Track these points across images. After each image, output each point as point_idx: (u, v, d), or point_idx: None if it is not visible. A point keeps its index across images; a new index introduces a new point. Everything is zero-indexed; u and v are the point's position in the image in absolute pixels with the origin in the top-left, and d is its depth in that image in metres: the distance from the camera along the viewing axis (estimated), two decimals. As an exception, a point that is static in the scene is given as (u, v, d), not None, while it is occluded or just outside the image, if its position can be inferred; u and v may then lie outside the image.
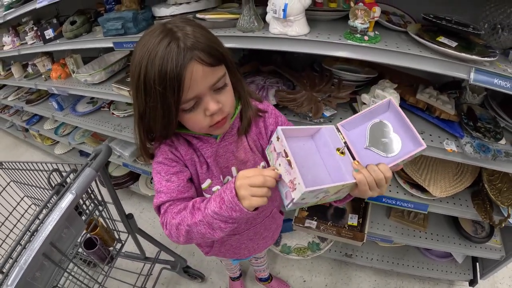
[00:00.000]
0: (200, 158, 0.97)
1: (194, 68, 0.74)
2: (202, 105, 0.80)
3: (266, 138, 1.04)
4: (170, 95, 0.74)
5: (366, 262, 1.96)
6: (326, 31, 1.16)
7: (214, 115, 0.83)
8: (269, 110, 1.05)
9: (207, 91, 0.79)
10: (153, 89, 0.74)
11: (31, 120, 3.38)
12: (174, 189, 0.91)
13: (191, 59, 0.73)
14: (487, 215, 1.40)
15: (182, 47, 0.72)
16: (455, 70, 0.99)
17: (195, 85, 0.75)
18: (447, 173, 1.48)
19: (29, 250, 0.96)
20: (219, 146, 0.97)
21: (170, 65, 0.71)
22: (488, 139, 1.19)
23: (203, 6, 1.50)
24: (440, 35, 1.06)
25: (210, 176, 0.98)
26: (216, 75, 0.79)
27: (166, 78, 0.72)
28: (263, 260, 1.82)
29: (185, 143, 0.95)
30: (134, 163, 2.32)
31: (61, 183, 1.19)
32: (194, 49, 0.73)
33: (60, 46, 2.03)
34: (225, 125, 0.90)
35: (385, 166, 0.77)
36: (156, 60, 0.73)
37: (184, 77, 0.73)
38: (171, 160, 0.94)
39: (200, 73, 0.75)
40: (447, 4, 1.33)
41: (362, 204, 1.78)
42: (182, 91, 0.74)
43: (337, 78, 1.45)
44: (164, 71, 0.72)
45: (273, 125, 1.04)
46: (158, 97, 0.75)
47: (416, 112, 1.37)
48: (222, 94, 0.83)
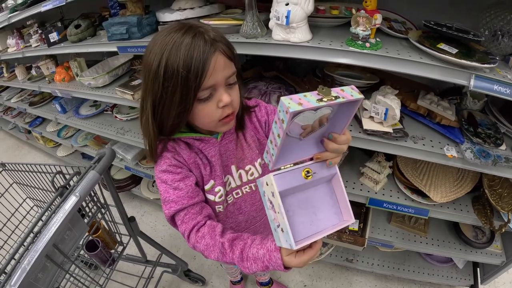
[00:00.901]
0: (203, 160, 0.98)
1: (218, 58, 0.79)
2: (216, 96, 0.84)
3: (262, 131, 1.08)
4: (193, 78, 0.77)
5: (366, 267, 1.96)
6: (328, 38, 1.18)
7: (226, 108, 0.86)
8: (258, 104, 1.09)
9: (223, 83, 0.83)
10: (176, 73, 0.77)
11: (34, 122, 3.39)
12: (184, 196, 0.93)
13: (216, 49, 0.79)
14: (487, 221, 1.40)
15: (207, 39, 0.78)
16: (455, 77, 1.00)
17: (215, 74, 0.80)
18: (447, 179, 1.48)
19: (33, 252, 0.96)
20: (221, 145, 0.99)
21: (197, 52, 0.76)
22: (489, 145, 1.19)
23: (206, 12, 1.52)
24: (440, 41, 1.07)
25: (213, 177, 1.00)
26: (232, 69, 0.85)
27: (192, 62, 0.76)
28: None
29: (186, 148, 0.96)
30: (136, 167, 2.33)
31: (65, 185, 1.19)
32: (217, 41, 0.80)
33: (64, 49, 2.05)
34: (232, 122, 0.93)
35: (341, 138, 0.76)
36: (182, 47, 0.77)
37: (209, 64, 0.77)
38: (176, 167, 0.95)
39: (222, 63, 0.80)
40: (448, 10, 1.35)
41: (363, 209, 1.79)
42: (205, 77, 0.78)
43: (338, 84, 1.46)
44: (190, 56, 0.76)
45: (265, 116, 1.07)
46: (179, 81, 0.78)
47: (417, 118, 1.38)
48: (232, 90, 0.87)
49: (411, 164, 1.54)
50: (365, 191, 1.55)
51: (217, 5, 1.57)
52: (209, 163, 0.99)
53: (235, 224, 1.14)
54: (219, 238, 0.87)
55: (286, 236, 0.67)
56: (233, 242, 0.85)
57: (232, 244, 0.85)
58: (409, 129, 1.31)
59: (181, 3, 1.49)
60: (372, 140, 1.28)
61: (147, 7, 1.64)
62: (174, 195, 0.93)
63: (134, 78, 1.97)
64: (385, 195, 1.52)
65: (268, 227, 1.28)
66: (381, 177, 1.50)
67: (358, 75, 1.55)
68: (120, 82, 2.02)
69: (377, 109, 1.25)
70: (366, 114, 1.31)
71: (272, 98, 1.48)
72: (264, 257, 0.78)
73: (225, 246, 0.85)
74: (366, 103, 1.30)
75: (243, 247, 0.83)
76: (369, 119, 1.31)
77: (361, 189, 1.56)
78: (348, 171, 1.66)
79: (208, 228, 0.90)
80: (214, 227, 0.90)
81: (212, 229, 0.90)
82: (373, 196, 1.51)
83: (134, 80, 1.92)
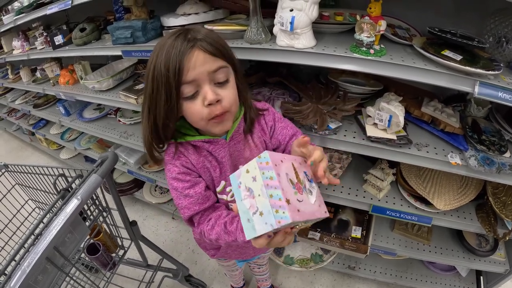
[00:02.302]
0: (212, 162, 1.00)
1: (196, 53, 0.80)
2: (202, 94, 0.84)
3: (268, 134, 1.10)
4: (172, 75, 0.80)
5: (369, 275, 1.95)
6: (332, 44, 1.18)
7: (213, 107, 0.85)
8: (267, 108, 1.12)
9: (206, 79, 0.84)
10: (159, 73, 0.81)
11: (38, 124, 3.40)
12: (195, 202, 0.97)
13: (193, 46, 0.80)
14: (491, 228, 1.39)
15: (189, 38, 0.81)
16: (460, 84, 1.00)
17: (194, 69, 0.81)
18: (451, 186, 1.47)
19: (33, 254, 0.96)
20: (230, 145, 1.01)
21: (175, 50, 0.80)
22: (493, 152, 1.18)
23: (211, 17, 1.52)
24: (445, 48, 1.07)
25: (224, 177, 1.03)
26: (217, 64, 0.84)
27: (170, 62, 0.80)
28: (265, 269, 1.82)
29: (194, 152, 0.98)
30: (139, 171, 2.33)
31: (67, 188, 1.20)
32: (199, 40, 0.82)
33: (69, 52, 2.06)
34: (225, 122, 0.92)
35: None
36: (164, 49, 0.81)
37: (185, 60, 0.79)
38: (184, 174, 0.97)
39: (201, 58, 0.81)
40: (452, 17, 1.35)
41: (366, 216, 1.78)
42: (182, 73, 0.80)
43: (342, 91, 1.46)
44: (169, 55, 0.80)
45: (271, 122, 1.11)
46: (162, 80, 0.81)
47: (421, 125, 1.38)
48: (223, 89, 0.87)
49: (415, 171, 1.53)
50: (368, 198, 1.54)
51: (222, 11, 1.57)
52: (218, 164, 1.01)
53: None
54: (222, 220, 0.94)
55: (267, 217, 0.66)
56: (233, 219, 0.92)
57: (232, 221, 0.91)
58: (413, 136, 1.31)
59: (186, 8, 1.50)
60: (376, 147, 1.27)
61: (152, 11, 1.65)
62: (185, 202, 0.97)
63: (138, 82, 1.98)
64: (388, 203, 1.51)
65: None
66: (385, 184, 1.50)
67: (362, 82, 1.54)
68: (124, 86, 2.03)
69: (381, 116, 1.24)
70: (370, 121, 1.31)
71: (276, 104, 1.48)
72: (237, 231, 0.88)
73: (227, 226, 0.91)
74: (370, 110, 1.29)
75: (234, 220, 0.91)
76: (373, 126, 1.30)
77: (364, 196, 1.55)
78: (351, 178, 1.65)
79: (215, 219, 0.96)
80: (219, 216, 0.97)
81: (218, 217, 0.96)
82: (376, 204, 1.50)
83: (138, 84, 1.92)
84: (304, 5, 1.08)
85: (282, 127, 1.12)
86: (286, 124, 1.13)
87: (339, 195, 1.55)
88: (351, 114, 1.41)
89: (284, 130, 1.12)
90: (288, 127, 1.13)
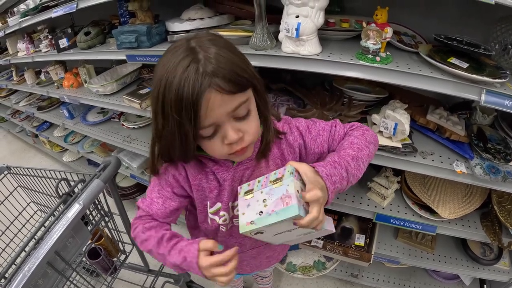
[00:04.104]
0: (212, 183, 0.92)
1: (212, 96, 0.68)
2: (221, 132, 0.75)
3: (292, 156, 0.97)
4: (186, 123, 0.70)
5: (372, 283, 1.93)
6: (338, 51, 1.17)
7: (233, 144, 0.77)
8: (286, 129, 0.97)
9: (226, 118, 0.73)
10: (171, 116, 0.70)
11: (41, 127, 3.41)
12: (155, 209, 0.94)
13: (208, 86, 0.67)
14: (496, 237, 1.38)
15: (201, 72, 0.67)
16: (466, 92, 0.99)
17: (211, 113, 0.70)
18: (456, 195, 1.46)
19: (34, 258, 0.96)
20: (236, 170, 0.91)
21: (186, 92, 0.66)
22: (498, 161, 1.17)
23: (216, 22, 1.52)
24: (451, 56, 1.06)
25: (220, 200, 0.95)
26: (236, 101, 0.72)
27: (182, 106, 0.68)
28: (268, 280, 1.80)
29: (196, 167, 0.91)
30: (142, 175, 2.32)
31: (69, 192, 1.19)
32: (214, 75, 0.67)
33: (74, 55, 2.06)
34: (246, 153, 0.83)
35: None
36: (173, 85, 0.68)
37: (200, 106, 0.67)
38: (168, 184, 0.93)
39: (218, 102, 0.69)
40: (458, 24, 1.34)
41: (369, 224, 1.76)
42: (199, 120, 0.69)
43: (347, 97, 1.45)
44: (180, 98, 0.67)
45: (298, 140, 0.96)
46: (175, 125, 0.71)
47: (426, 133, 1.37)
48: (244, 123, 0.77)
49: (419, 179, 1.52)
50: (372, 206, 1.52)
51: (227, 16, 1.57)
52: (219, 186, 0.93)
53: (239, 243, 1.06)
54: (163, 231, 0.91)
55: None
56: (175, 235, 0.89)
57: (172, 236, 0.89)
58: (418, 144, 1.30)
59: (191, 13, 1.50)
60: (381, 155, 1.26)
61: (157, 16, 1.65)
62: (150, 200, 0.95)
63: (142, 86, 1.98)
64: (392, 211, 1.50)
65: (274, 248, 1.24)
66: (389, 193, 1.48)
67: (367, 89, 1.54)
68: (128, 90, 2.02)
69: (386, 124, 1.23)
70: (375, 129, 1.30)
71: (281, 110, 1.48)
72: (187, 247, 0.82)
73: (164, 237, 0.88)
74: (375, 117, 1.28)
75: (179, 241, 0.86)
76: (378, 133, 1.29)
77: (368, 204, 1.54)
78: (355, 186, 1.63)
79: (156, 225, 0.94)
80: (162, 226, 0.94)
81: (161, 227, 0.94)
82: (380, 212, 1.49)
83: (142, 89, 1.92)
84: (310, 11, 1.08)
85: (314, 137, 0.96)
86: (316, 132, 0.96)
87: (343, 203, 1.54)
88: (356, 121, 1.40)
89: (318, 139, 0.96)
90: (320, 132, 0.96)
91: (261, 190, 0.74)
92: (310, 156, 0.98)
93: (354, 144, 0.89)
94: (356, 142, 0.89)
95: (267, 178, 0.75)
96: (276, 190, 0.72)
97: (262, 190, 0.74)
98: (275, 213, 0.71)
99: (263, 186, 0.74)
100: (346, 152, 0.86)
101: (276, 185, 0.72)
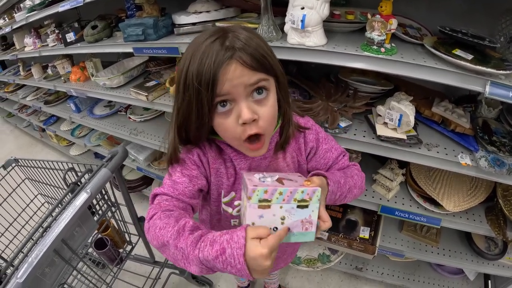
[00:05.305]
0: (229, 170, 0.92)
1: (233, 66, 0.70)
2: (237, 110, 0.75)
3: (304, 155, 0.99)
4: (204, 90, 0.71)
5: (376, 277, 1.94)
6: (343, 43, 1.18)
7: (247, 126, 0.76)
8: (310, 126, 0.99)
9: (243, 93, 0.73)
10: (191, 85, 0.72)
11: (48, 121, 3.44)
12: (181, 188, 0.86)
13: (231, 57, 0.70)
14: (500, 231, 1.37)
15: (227, 45, 0.70)
16: (470, 83, 0.99)
17: (230, 83, 0.71)
18: (461, 188, 1.46)
19: (41, 246, 0.97)
20: (253, 160, 0.90)
21: (208, 61, 0.69)
22: (503, 154, 1.17)
23: (222, 15, 1.53)
24: (456, 47, 1.06)
25: (235, 189, 0.94)
26: (256, 77, 0.73)
27: (202, 73, 0.70)
28: (274, 276, 1.82)
29: (216, 152, 0.91)
30: (148, 168, 2.34)
31: (76, 182, 1.21)
32: (239, 50, 0.70)
33: (81, 49, 2.08)
34: (261, 149, 0.82)
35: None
36: (197, 55, 0.71)
37: (220, 73, 0.69)
38: (193, 162, 0.89)
39: (238, 72, 0.71)
40: (463, 17, 1.34)
41: (374, 217, 1.77)
42: (216, 88, 0.70)
43: (352, 89, 1.46)
44: (202, 66, 0.70)
45: (313, 142, 0.98)
46: (193, 93, 0.73)
47: (431, 125, 1.37)
48: (261, 107, 0.76)
49: (424, 172, 1.52)
50: (377, 198, 1.53)
51: (233, 9, 1.58)
52: (235, 174, 0.92)
53: None
54: (186, 219, 0.75)
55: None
56: (198, 227, 0.73)
57: (195, 227, 0.73)
58: (423, 136, 1.30)
59: (197, 6, 1.51)
60: (386, 147, 1.26)
61: (163, 9, 1.66)
62: (171, 181, 0.87)
63: (149, 79, 1.99)
64: (397, 203, 1.50)
65: (284, 250, 1.22)
66: (394, 185, 1.49)
67: (372, 81, 1.54)
68: (135, 83, 2.03)
69: (391, 115, 1.24)
70: (380, 120, 1.30)
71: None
72: (223, 237, 0.66)
73: (186, 226, 0.72)
74: (380, 109, 1.29)
75: (205, 233, 0.71)
76: (383, 125, 1.30)
77: (373, 196, 1.54)
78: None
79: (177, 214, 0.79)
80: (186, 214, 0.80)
81: (183, 215, 0.79)
82: (385, 204, 1.49)
83: (149, 82, 1.93)
84: (315, 3, 1.08)
85: (326, 149, 1.00)
86: (330, 146, 1.01)
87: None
88: (361, 113, 1.40)
89: (328, 153, 1.00)
90: (333, 149, 1.01)
91: (281, 204, 0.70)
92: (312, 163, 1.02)
93: (353, 177, 0.98)
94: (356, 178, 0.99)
95: (291, 194, 0.70)
96: (299, 212, 0.71)
97: (282, 205, 0.70)
98: (292, 235, 0.72)
99: (285, 201, 0.70)
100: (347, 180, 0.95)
101: (300, 207, 0.71)
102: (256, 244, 0.64)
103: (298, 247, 1.36)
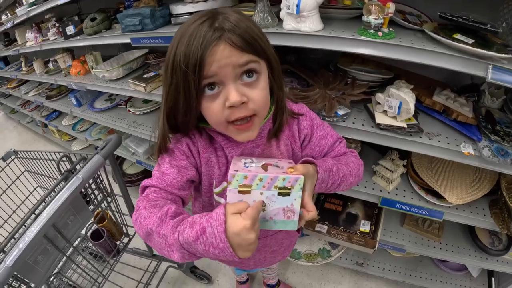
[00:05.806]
0: (220, 158, 0.89)
1: (221, 47, 0.68)
2: (224, 93, 0.72)
3: (299, 142, 0.97)
4: (191, 73, 0.68)
5: (377, 272, 1.91)
6: (340, 29, 1.15)
7: (235, 109, 0.73)
8: (304, 112, 0.97)
9: (231, 75, 0.71)
10: (178, 67, 0.70)
11: (50, 116, 3.47)
12: (169, 179, 0.84)
13: (219, 38, 0.67)
14: (504, 225, 1.34)
15: (215, 26, 0.68)
16: (471, 68, 0.96)
17: (217, 63, 0.68)
18: (464, 180, 1.43)
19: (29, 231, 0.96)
20: (245, 147, 0.88)
21: (196, 42, 0.67)
22: (507, 143, 1.14)
23: (219, 4, 1.51)
24: (456, 32, 1.03)
25: (226, 178, 0.88)
26: (246, 58, 0.70)
27: (189, 55, 0.68)
28: (273, 271, 1.80)
29: (207, 140, 0.88)
30: (148, 161, 2.33)
31: (70, 169, 1.20)
32: (228, 31, 0.68)
33: (80, 42, 2.09)
34: (250, 131, 0.79)
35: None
36: (185, 37, 0.69)
37: (207, 54, 0.67)
38: (182, 152, 0.87)
39: (226, 53, 0.68)
40: (465, 4, 1.30)
41: (375, 210, 1.74)
42: (203, 69, 0.68)
43: (351, 77, 1.43)
44: (189, 48, 0.68)
45: (307, 129, 0.96)
46: (181, 76, 0.71)
47: (433, 114, 1.34)
48: (251, 90, 0.74)
49: (426, 163, 1.49)
50: (378, 190, 1.50)
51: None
52: (226, 163, 0.90)
53: None
54: (167, 206, 0.75)
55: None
56: (181, 212, 0.74)
57: (178, 213, 0.73)
58: (424, 125, 1.26)
59: (194, -5, 1.49)
60: (385, 135, 1.23)
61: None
62: (159, 173, 0.85)
63: (148, 71, 1.98)
64: (398, 195, 1.47)
65: (280, 242, 1.19)
66: (395, 176, 1.46)
67: (372, 71, 1.50)
68: (134, 75, 2.03)
69: (391, 103, 1.21)
70: (379, 108, 1.27)
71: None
72: (203, 218, 0.66)
73: (169, 212, 0.72)
74: (379, 96, 1.26)
75: (186, 217, 0.70)
76: (382, 113, 1.27)
77: (373, 188, 1.51)
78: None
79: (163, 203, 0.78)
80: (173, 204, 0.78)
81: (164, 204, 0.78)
82: (385, 196, 1.46)
83: (148, 73, 1.92)
84: (311, -13, 1.06)
85: (321, 136, 0.98)
86: (325, 133, 0.99)
87: (348, 186, 1.52)
88: (360, 101, 1.37)
89: (323, 140, 0.98)
90: (328, 136, 0.99)
91: (261, 191, 0.70)
92: (307, 151, 0.99)
93: (349, 165, 0.95)
94: (352, 166, 0.96)
95: (271, 181, 0.69)
96: (280, 199, 0.70)
97: (262, 192, 0.70)
98: (273, 222, 0.71)
99: (265, 188, 0.70)
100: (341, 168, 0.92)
101: (281, 195, 0.70)
102: (237, 217, 0.64)
103: (295, 240, 1.33)
